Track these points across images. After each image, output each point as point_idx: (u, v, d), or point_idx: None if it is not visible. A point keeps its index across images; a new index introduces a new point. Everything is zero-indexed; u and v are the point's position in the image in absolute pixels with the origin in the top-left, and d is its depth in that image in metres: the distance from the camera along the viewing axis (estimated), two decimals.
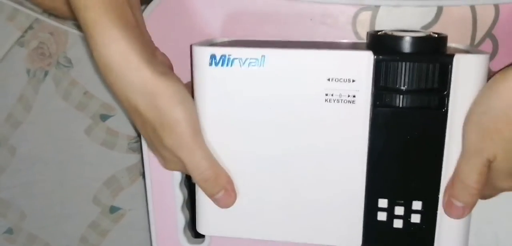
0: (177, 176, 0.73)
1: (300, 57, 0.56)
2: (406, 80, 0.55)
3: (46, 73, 0.83)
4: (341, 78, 0.56)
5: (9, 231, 0.92)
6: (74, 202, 0.90)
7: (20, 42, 0.82)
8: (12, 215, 0.91)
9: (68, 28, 0.79)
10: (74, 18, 0.74)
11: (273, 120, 0.58)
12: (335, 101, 0.56)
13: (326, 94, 0.56)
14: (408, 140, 0.57)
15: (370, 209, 0.59)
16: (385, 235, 0.60)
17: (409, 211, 0.59)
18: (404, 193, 0.58)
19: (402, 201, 0.59)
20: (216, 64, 0.57)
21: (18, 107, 0.85)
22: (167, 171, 0.66)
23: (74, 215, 0.90)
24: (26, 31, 0.82)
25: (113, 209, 0.90)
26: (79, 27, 0.79)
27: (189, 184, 0.75)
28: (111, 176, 0.88)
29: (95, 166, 0.87)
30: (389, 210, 0.59)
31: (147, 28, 0.61)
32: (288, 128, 0.58)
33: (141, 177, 0.87)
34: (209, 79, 0.58)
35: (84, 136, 0.86)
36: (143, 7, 0.66)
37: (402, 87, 0.55)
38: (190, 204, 0.75)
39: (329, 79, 0.56)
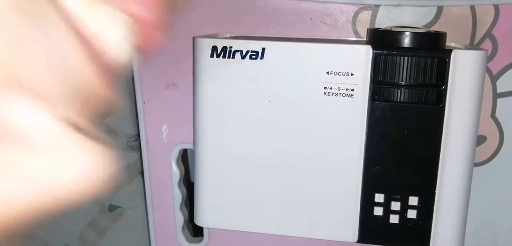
0: (176, 174, 0.73)
1: (300, 50, 0.57)
2: (404, 75, 0.55)
3: None
4: (340, 72, 0.56)
5: None
6: None
7: None
8: None
9: None
10: None
11: (272, 112, 0.58)
12: (334, 94, 0.56)
13: (325, 88, 0.56)
14: (405, 134, 0.57)
15: (367, 203, 0.59)
16: (381, 230, 0.60)
17: (405, 207, 0.59)
18: (400, 188, 0.58)
19: (399, 196, 0.59)
20: (218, 56, 0.58)
21: None
22: (166, 169, 0.66)
23: (72, 213, 0.90)
24: None
25: (112, 208, 0.90)
26: None
27: (187, 183, 0.75)
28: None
29: None
30: (386, 205, 0.59)
31: None
32: (287, 121, 0.58)
33: (140, 176, 0.87)
34: (210, 70, 0.58)
35: None
36: None
37: (400, 82, 0.55)
38: (189, 202, 0.75)
39: (328, 73, 0.56)
